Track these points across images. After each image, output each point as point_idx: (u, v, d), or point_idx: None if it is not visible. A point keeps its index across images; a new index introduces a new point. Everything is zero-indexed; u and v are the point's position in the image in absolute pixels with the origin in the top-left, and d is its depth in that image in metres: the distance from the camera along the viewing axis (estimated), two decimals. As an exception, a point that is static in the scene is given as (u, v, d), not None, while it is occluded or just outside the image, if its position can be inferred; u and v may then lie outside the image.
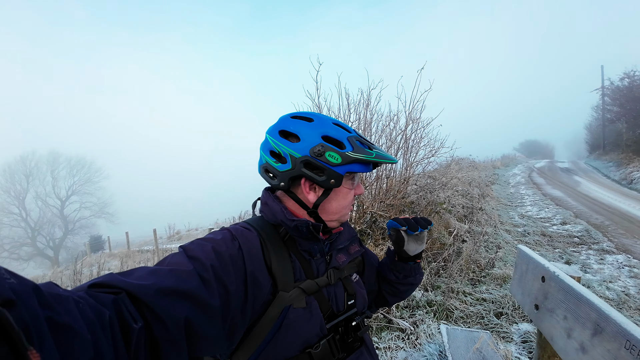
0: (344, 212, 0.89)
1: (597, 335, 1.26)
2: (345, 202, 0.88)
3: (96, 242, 21.21)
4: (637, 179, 12.71)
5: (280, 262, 0.78)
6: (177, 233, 17.53)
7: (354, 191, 0.90)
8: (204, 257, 0.66)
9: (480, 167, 16.84)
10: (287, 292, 0.76)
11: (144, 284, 0.54)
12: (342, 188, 0.86)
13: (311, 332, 0.77)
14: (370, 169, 0.86)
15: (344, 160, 0.80)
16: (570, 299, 1.49)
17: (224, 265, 0.67)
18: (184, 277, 0.60)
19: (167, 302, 0.55)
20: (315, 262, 0.86)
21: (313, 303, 0.80)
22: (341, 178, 0.81)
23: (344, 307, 0.88)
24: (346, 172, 0.81)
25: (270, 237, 0.81)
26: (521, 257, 2.14)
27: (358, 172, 0.84)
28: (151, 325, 0.52)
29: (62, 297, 0.40)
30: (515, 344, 2.69)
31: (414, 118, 4.90)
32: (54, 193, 34.01)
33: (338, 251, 0.95)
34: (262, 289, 0.73)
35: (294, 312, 0.75)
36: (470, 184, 9.72)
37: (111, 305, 0.47)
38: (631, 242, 5.63)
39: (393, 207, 4.69)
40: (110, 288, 0.51)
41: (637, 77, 18.62)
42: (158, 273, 0.59)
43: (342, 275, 0.91)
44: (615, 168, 16.77)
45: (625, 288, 3.81)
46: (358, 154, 0.81)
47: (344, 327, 0.85)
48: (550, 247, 5.49)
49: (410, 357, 2.52)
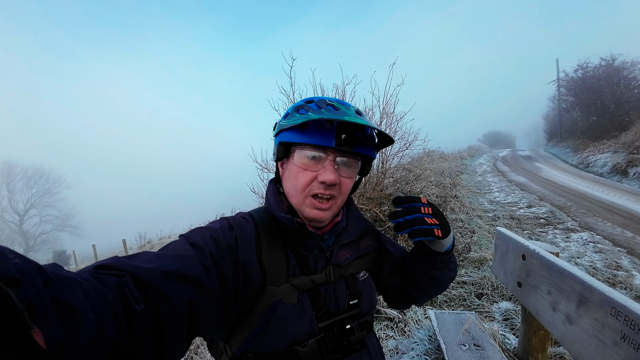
0: (299, 199, 0.78)
1: (583, 305, 1.32)
2: (297, 183, 0.77)
3: (61, 258, 20.00)
4: (593, 163, 13.61)
5: (272, 256, 0.75)
6: (148, 242, 16.78)
7: (313, 173, 0.76)
8: (203, 244, 0.67)
9: (449, 158, 17.43)
10: (277, 287, 0.74)
11: (150, 267, 0.55)
12: (292, 165, 0.78)
13: (300, 330, 0.74)
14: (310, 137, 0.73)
15: (277, 129, 0.79)
16: (553, 274, 1.56)
17: (221, 253, 0.68)
18: (187, 262, 0.61)
19: (172, 285, 0.56)
20: (314, 257, 0.81)
21: (305, 300, 0.76)
22: (277, 149, 0.79)
23: (345, 306, 0.82)
24: (279, 142, 0.78)
25: (267, 229, 0.79)
26: (500, 238, 2.23)
27: (288, 141, 0.76)
28: (156, 306, 0.52)
29: (66, 278, 0.40)
30: (498, 322, 2.81)
31: (388, 112, 4.99)
32: (11, 207, 31.71)
33: (342, 247, 0.87)
34: (252, 280, 0.72)
35: (283, 308, 0.73)
36: (442, 174, 10.03)
37: (115, 287, 0.48)
38: (593, 220, 6.03)
39: (372, 200, 4.74)
40: (115, 270, 0.52)
41: (590, 68, 19.86)
42: (162, 257, 0.60)
43: (346, 272, 0.85)
44: (572, 153, 17.91)
45: (592, 262, 4.08)
46: (285, 121, 0.76)
47: (340, 328, 0.79)
48: (519, 229, 5.77)
49: (401, 344, 2.56)
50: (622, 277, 3.58)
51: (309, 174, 0.76)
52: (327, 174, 0.75)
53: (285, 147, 0.79)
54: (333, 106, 0.76)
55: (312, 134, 0.74)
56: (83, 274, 0.47)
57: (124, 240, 12.67)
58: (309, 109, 0.75)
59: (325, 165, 0.76)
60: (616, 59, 18.26)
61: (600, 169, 12.64)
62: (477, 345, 2.04)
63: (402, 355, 2.44)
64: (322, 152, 0.75)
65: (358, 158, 0.82)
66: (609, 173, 11.70)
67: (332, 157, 0.76)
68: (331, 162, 0.76)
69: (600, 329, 1.21)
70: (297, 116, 0.75)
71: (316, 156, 0.75)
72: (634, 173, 10.28)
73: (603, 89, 18.27)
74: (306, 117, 0.72)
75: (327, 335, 0.77)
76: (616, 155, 12.45)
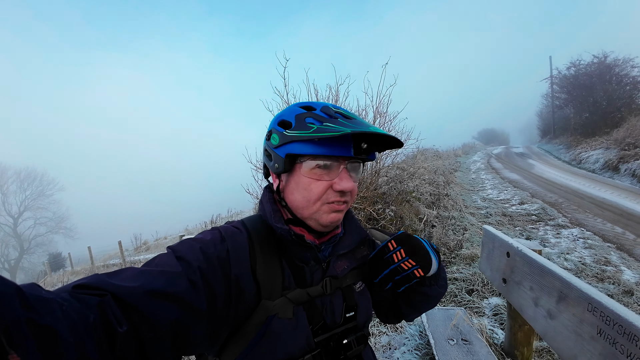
0: (314, 209, 0.74)
1: (562, 301, 1.37)
2: (311, 194, 0.73)
3: (56, 260, 19.82)
4: (586, 159, 13.79)
5: (267, 268, 0.72)
6: (144, 243, 16.73)
7: (327, 182, 0.73)
8: (192, 258, 0.63)
9: (443, 156, 17.56)
10: (272, 301, 0.70)
11: (131, 286, 0.52)
12: (301, 176, 0.73)
13: (295, 346, 0.71)
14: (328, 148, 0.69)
15: (281, 140, 0.71)
16: (535, 271, 1.60)
17: (211, 268, 0.64)
18: (172, 279, 0.58)
19: (155, 305, 0.53)
20: (310, 269, 0.78)
21: (301, 314, 0.73)
22: (282, 161, 0.72)
23: (341, 319, 0.79)
24: (286, 154, 0.71)
25: (261, 239, 0.75)
26: (487, 236, 2.27)
27: (301, 153, 0.69)
28: (138, 327, 0.50)
29: (45, 299, 0.39)
30: (488, 317, 2.86)
31: (382, 112, 5.02)
32: (5, 210, 31.30)
33: (338, 257, 0.84)
34: (245, 295, 0.68)
35: (278, 322, 0.70)
36: (435, 172, 10.09)
37: (96, 308, 0.46)
38: (583, 216, 6.12)
39: (366, 199, 4.77)
40: (95, 290, 0.49)
41: (582, 65, 20.09)
42: (146, 274, 0.56)
43: (342, 284, 0.81)
44: (565, 150, 18.11)
45: (582, 258, 4.15)
46: (294, 132, 0.69)
47: (336, 343, 0.76)
48: (511, 226, 5.85)
49: (393, 340, 2.60)
50: (610, 272, 3.65)
51: (323, 184, 0.73)
52: (345, 183, 0.73)
53: (291, 159, 0.73)
54: (341, 114, 0.73)
55: (329, 144, 0.69)
56: (63, 293, 0.45)
57: (119, 241, 12.55)
58: (320, 119, 0.70)
59: (340, 174, 0.73)
60: (608, 56, 18.49)
61: (592, 165, 12.79)
62: (464, 340, 2.08)
63: (394, 350, 2.48)
64: (335, 160, 0.73)
65: (361, 161, 0.80)
66: (601, 169, 11.85)
67: (344, 164, 0.74)
68: (345, 170, 0.74)
69: (579, 324, 1.25)
70: (313, 127, 0.68)
71: (328, 164, 0.72)
72: (625, 169, 10.42)
73: (595, 86, 18.48)
74: (335, 129, 0.66)
75: (324, 350, 0.74)
76: (608, 151, 12.61)
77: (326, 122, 0.69)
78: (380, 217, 4.67)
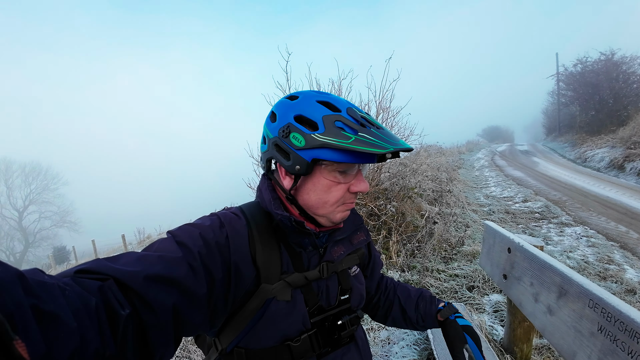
0: (330, 210, 0.76)
1: (562, 297, 1.35)
2: (329, 197, 0.74)
3: (61, 254, 20.06)
4: (591, 158, 13.63)
5: (265, 253, 0.73)
6: (148, 237, 16.82)
7: (345, 185, 0.74)
8: (191, 243, 0.63)
9: (447, 153, 17.43)
10: (271, 284, 0.72)
11: (131, 270, 0.53)
12: (321, 178, 0.73)
13: (292, 326, 0.74)
14: (360, 159, 0.68)
15: (308, 143, 0.67)
16: (535, 266, 1.58)
17: (210, 253, 0.65)
18: (172, 264, 0.58)
19: (156, 289, 0.54)
20: (307, 254, 0.80)
21: (298, 297, 0.76)
22: (307, 164, 0.69)
23: (336, 302, 0.83)
24: (312, 158, 0.68)
25: (260, 226, 0.76)
26: (488, 231, 2.25)
27: (333, 160, 0.67)
28: (139, 312, 0.51)
29: (48, 285, 0.39)
30: (488, 314, 2.84)
31: (384, 107, 4.98)
32: (10, 204, 31.65)
33: (335, 243, 0.87)
34: (244, 279, 0.70)
35: (276, 305, 0.72)
36: (438, 169, 10.02)
37: (97, 292, 0.46)
38: (587, 214, 6.07)
39: (368, 195, 4.75)
40: (97, 274, 0.50)
41: (589, 63, 19.83)
42: (146, 259, 0.57)
43: (338, 268, 0.84)
44: (570, 148, 17.93)
45: (585, 256, 4.11)
46: (327, 138, 0.66)
47: (331, 323, 0.80)
48: (514, 224, 5.81)
49: (392, 335, 2.60)
50: (613, 271, 3.61)
51: (342, 187, 0.74)
52: (362, 185, 0.75)
53: (314, 162, 0.71)
54: (369, 122, 0.71)
55: (360, 155, 0.68)
56: (64, 278, 0.46)
57: (122, 235, 12.68)
58: (353, 126, 0.68)
59: (357, 176, 0.76)
60: (615, 53, 18.23)
61: (597, 163, 12.66)
62: (464, 337, 2.07)
63: (392, 345, 2.48)
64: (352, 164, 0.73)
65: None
66: (606, 168, 11.73)
67: (360, 166, 0.77)
68: (360, 172, 0.77)
69: (578, 320, 1.23)
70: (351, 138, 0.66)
71: (347, 169, 0.74)
72: (631, 168, 10.31)
73: (602, 84, 18.24)
74: (375, 144, 0.65)
75: (319, 330, 0.78)
76: (613, 150, 12.46)
77: (361, 133, 0.67)
78: (381, 212, 4.65)
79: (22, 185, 32.98)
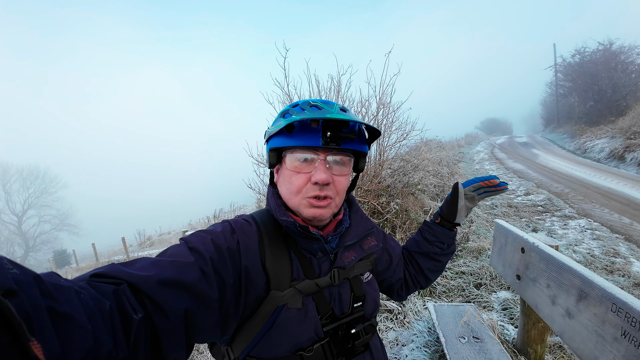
0: (296, 201, 0.77)
1: (582, 300, 1.30)
2: (292, 186, 0.76)
3: (61, 257, 20.00)
4: (590, 149, 13.62)
5: (275, 260, 0.74)
6: (148, 239, 16.81)
7: (306, 175, 0.75)
8: (203, 249, 0.65)
9: (447, 147, 17.37)
10: (281, 292, 0.72)
11: (145, 274, 0.54)
12: (286, 170, 0.78)
13: (304, 335, 0.73)
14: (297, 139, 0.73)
15: (265, 136, 0.79)
16: (552, 268, 1.54)
17: (222, 258, 0.66)
18: (185, 269, 0.60)
19: (168, 293, 0.55)
20: (318, 260, 0.80)
21: (310, 304, 0.75)
22: (268, 155, 0.80)
23: (349, 309, 0.82)
24: (270, 148, 0.78)
25: (270, 232, 0.78)
26: (499, 230, 2.21)
27: (277, 146, 0.76)
28: (152, 316, 0.52)
29: (64, 287, 0.40)
30: (497, 312, 2.81)
31: (385, 103, 4.91)
32: (9, 208, 31.60)
33: (346, 248, 0.86)
34: (255, 285, 0.70)
35: (287, 313, 0.72)
36: (439, 163, 9.99)
37: (112, 295, 0.47)
38: (590, 206, 6.04)
39: (370, 192, 4.71)
40: (111, 278, 0.51)
41: (587, 53, 19.76)
42: (160, 264, 0.58)
43: (350, 275, 0.84)
44: (569, 139, 17.91)
45: (590, 250, 4.09)
46: (270, 127, 0.77)
47: (344, 332, 0.79)
48: (517, 217, 5.78)
49: (401, 336, 2.56)
50: (619, 264, 3.59)
51: (302, 177, 0.76)
52: (319, 174, 0.74)
53: (276, 153, 0.79)
54: (317, 106, 0.76)
55: (298, 136, 0.73)
56: (80, 282, 0.47)
57: (123, 237, 12.63)
58: (293, 113, 0.75)
59: (317, 166, 0.75)
60: (613, 43, 18.18)
61: (597, 154, 12.65)
62: (476, 338, 2.04)
63: (402, 347, 2.44)
64: (313, 153, 0.75)
65: (350, 155, 0.81)
66: (606, 159, 11.72)
67: (322, 157, 0.76)
68: (322, 162, 0.75)
69: (600, 325, 1.20)
70: (282, 121, 0.74)
71: (307, 158, 0.75)
72: (631, 158, 10.30)
73: (600, 74, 18.21)
74: (289, 119, 0.72)
75: (332, 339, 0.77)
76: (613, 140, 12.45)
77: (295, 115, 0.74)
78: (384, 210, 4.61)
79: (20, 190, 32.98)
